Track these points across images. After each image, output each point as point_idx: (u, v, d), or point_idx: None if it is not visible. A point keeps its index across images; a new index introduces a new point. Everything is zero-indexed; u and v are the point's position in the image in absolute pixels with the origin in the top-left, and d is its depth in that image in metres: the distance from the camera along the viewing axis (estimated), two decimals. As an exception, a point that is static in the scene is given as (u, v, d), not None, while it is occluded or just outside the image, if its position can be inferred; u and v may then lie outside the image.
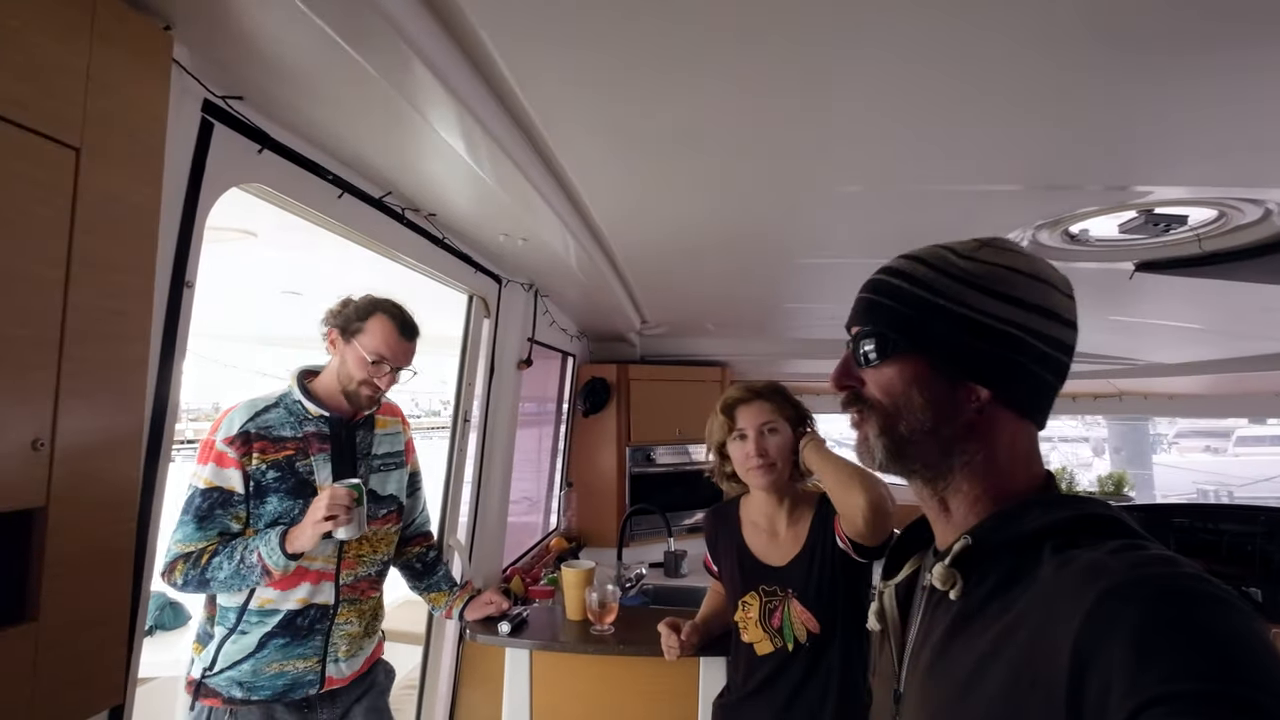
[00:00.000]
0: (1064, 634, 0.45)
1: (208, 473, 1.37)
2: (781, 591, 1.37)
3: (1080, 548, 0.51)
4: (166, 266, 0.99)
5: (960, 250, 0.61)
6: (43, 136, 0.68)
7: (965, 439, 0.59)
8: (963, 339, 0.58)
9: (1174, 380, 4.01)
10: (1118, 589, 0.45)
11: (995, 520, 0.57)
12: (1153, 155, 1.19)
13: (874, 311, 0.63)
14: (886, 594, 0.68)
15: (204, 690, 1.39)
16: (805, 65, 0.93)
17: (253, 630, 1.39)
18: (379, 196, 1.50)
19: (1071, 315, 0.60)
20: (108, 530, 0.79)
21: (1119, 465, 7.82)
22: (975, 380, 0.58)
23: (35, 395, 0.69)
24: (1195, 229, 1.52)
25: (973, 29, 0.83)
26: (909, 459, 0.61)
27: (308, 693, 1.44)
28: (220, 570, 1.33)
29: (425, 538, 1.83)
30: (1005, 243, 0.62)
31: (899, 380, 0.61)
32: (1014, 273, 0.59)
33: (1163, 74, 0.90)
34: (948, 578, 0.58)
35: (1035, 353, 0.57)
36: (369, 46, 0.89)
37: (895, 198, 1.48)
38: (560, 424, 3.50)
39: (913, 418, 0.60)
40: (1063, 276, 0.61)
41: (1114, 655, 0.42)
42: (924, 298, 0.60)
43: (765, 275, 2.36)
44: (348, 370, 1.48)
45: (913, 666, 0.62)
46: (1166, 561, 0.47)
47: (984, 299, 0.58)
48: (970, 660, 0.53)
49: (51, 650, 0.71)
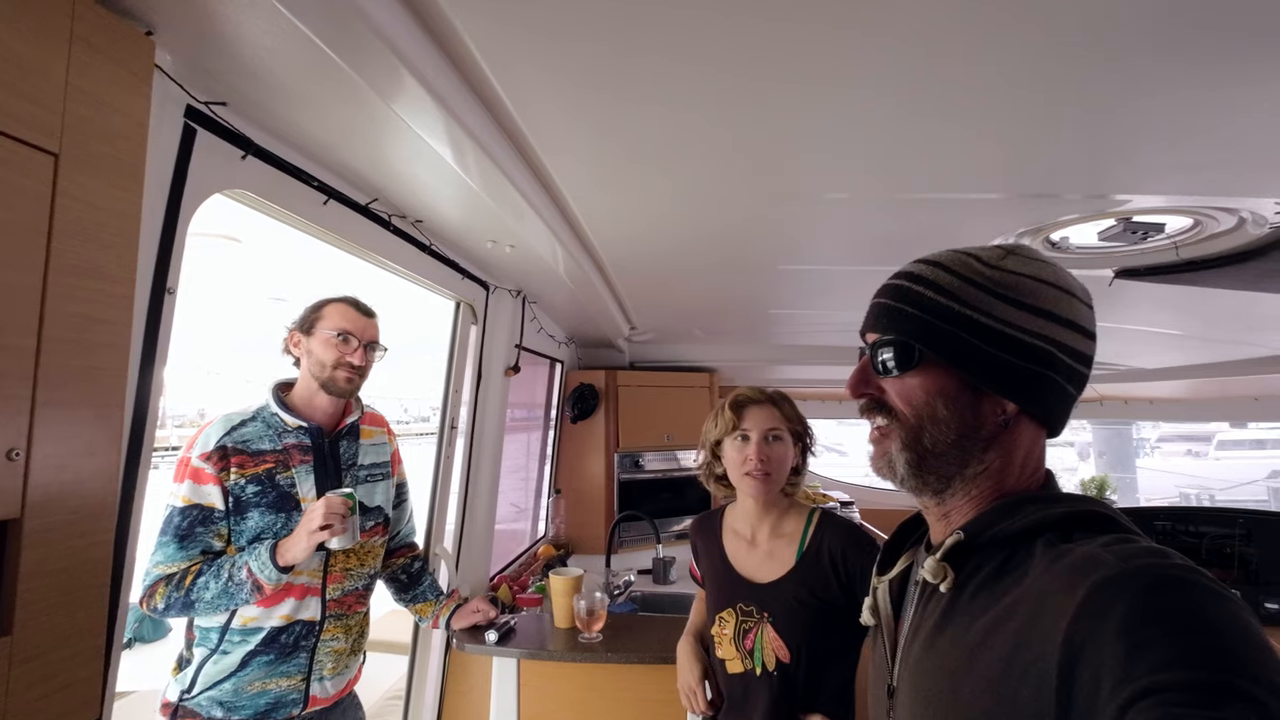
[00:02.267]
0: (1055, 626, 0.46)
1: (185, 490, 1.33)
2: (759, 614, 1.32)
3: (1072, 543, 0.52)
4: (148, 273, 0.98)
5: (986, 258, 0.60)
6: (19, 142, 0.68)
7: (986, 450, 0.59)
8: (992, 352, 0.57)
9: (1154, 385, 4.08)
10: (1109, 581, 0.45)
11: (989, 516, 0.58)
12: (1131, 165, 1.22)
13: (896, 318, 0.60)
14: (881, 589, 0.69)
15: (181, 712, 1.35)
16: (790, 75, 0.94)
17: (235, 650, 1.36)
18: (365, 203, 1.49)
19: (1092, 326, 0.60)
20: (84, 541, 0.77)
21: (1103, 469, 7.92)
22: (1002, 393, 0.58)
23: (10, 405, 0.68)
24: (1172, 237, 1.55)
25: (955, 41, 0.85)
26: (929, 473, 0.60)
27: (291, 713, 1.40)
28: (206, 590, 1.29)
29: (410, 549, 1.81)
30: (1030, 251, 0.61)
31: (922, 391, 0.59)
32: (1042, 284, 0.58)
33: (1142, 85, 0.92)
34: (938, 571, 0.58)
35: (1062, 365, 0.58)
36: (353, 52, 0.89)
37: (878, 206, 1.50)
38: (548, 430, 3.49)
39: (937, 430, 0.59)
40: (1082, 286, 0.61)
41: (1105, 646, 0.42)
42: (950, 307, 0.58)
43: (751, 281, 2.38)
44: (318, 359, 1.45)
45: (904, 660, 0.63)
46: (1158, 554, 0.47)
47: (1013, 311, 0.57)
48: (961, 652, 0.54)
49: (25, 665, 0.70)
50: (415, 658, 2.19)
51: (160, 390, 1.03)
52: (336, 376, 1.46)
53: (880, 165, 1.27)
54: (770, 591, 1.33)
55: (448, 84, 0.99)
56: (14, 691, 0.69)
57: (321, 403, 1.49)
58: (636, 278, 2.35)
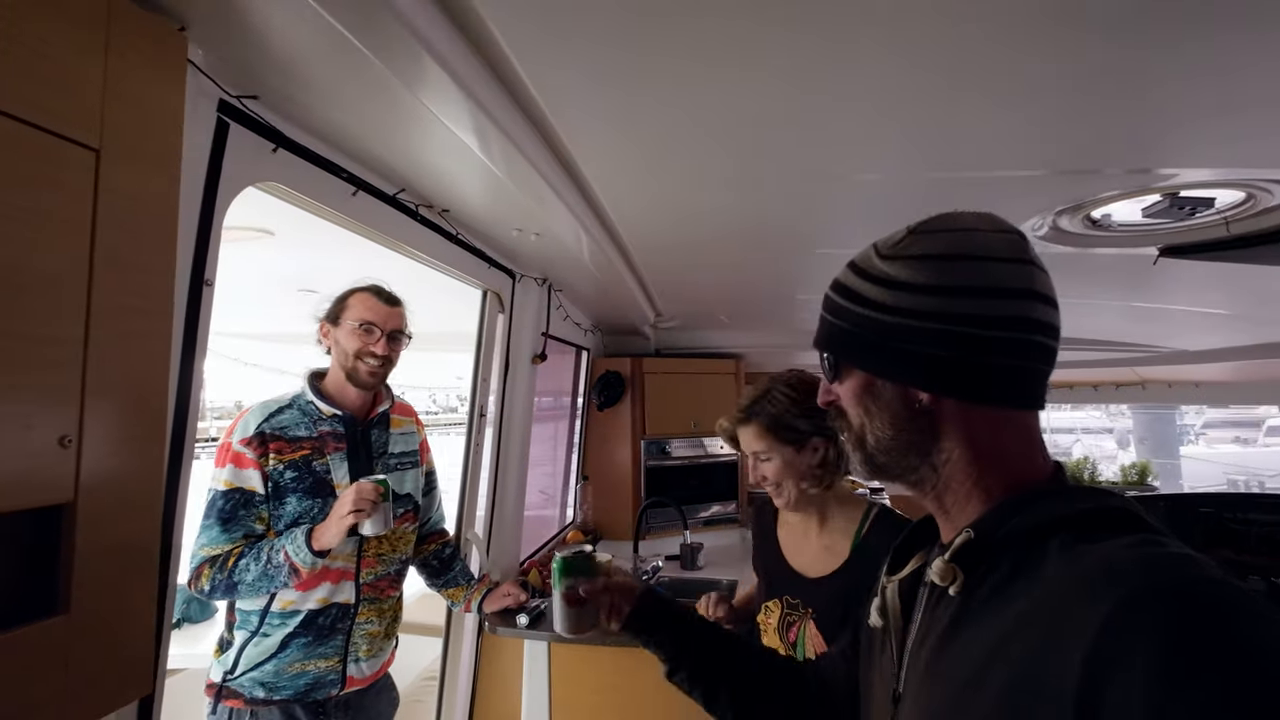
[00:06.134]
0: (1075, 644, 0.42)
1: (227, 474, 1.38)
2: (803, 609, 1.30)
3: (1090, 543, 0.48)
4: (186, 265, 1.01)
5: (882, 248, 0.60)
6: (62, 138, 0.69)
7: (933, 440, 0.57)
8: (884, 343, 0.57)
9: (1200, 367, 3.93)
10: (1136, 598, 0.41)
11: (999, 513, 0.55)
12: (1177, 137, 1.16)
13: (821, 329, 0.64)
14: (890, 589, 0.66)
15: (225, 693, 1.41)
16: (821, 52, 0.92)
17: (275, 632, 1.41)
18: (393, 193, 1.51)
19: (1014, 283, 0.54)
20: (134, 525, 0.80)
21: (1144, 456, 7.68)
22: (908, 382, 0.57)
23: (61, 394, 0.70)
24: (1222, 211, 1.48)
25: (991, 10, 0.81)
26: (886, 468, 0.61)
27: (330, 693, 1.45)
28: (247, 572, 1.33)
29: (440, 535, 1.85)
30: (934, 223, 0.59)
31: (852, 394, 0.61)
32: (927, 260, 0.56)
33: (1187, 50, 0.88)
34: (947, 573, 0.55)
35: (962, 339, 0.54)
36: (379, 41, 0.89)
37: (912, 186, 1.46)
38: (575, 418, 3.52)
39: (875, 427, 0.60)
40: (1012, 241, 0.57)
41: (1134, 677, 0.39)
42: (848, 308, 0.60)
43: (778, 266, 2.35)
44: (343, 349, 1.49)
45: (912, 665, 0.60)
46: (1188, 563, 0.43)
47: (896, 295, 0.56)
48: (970, 661, 0.51)
49: (82, 642, 0.73)
50: (449, 640, 2.24)
51: (201, 381, 1.05)
52: (359, 367, 1.48)
53: (916, 144, 1.24)
54: (816, 587, 1.30)
55: (472, 71, 0.99)
56: (72, 667, 0.72)
57: (351, 392, 1.52)
58: (662, 263, 2.34)
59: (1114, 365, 4.07)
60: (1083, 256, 1.85)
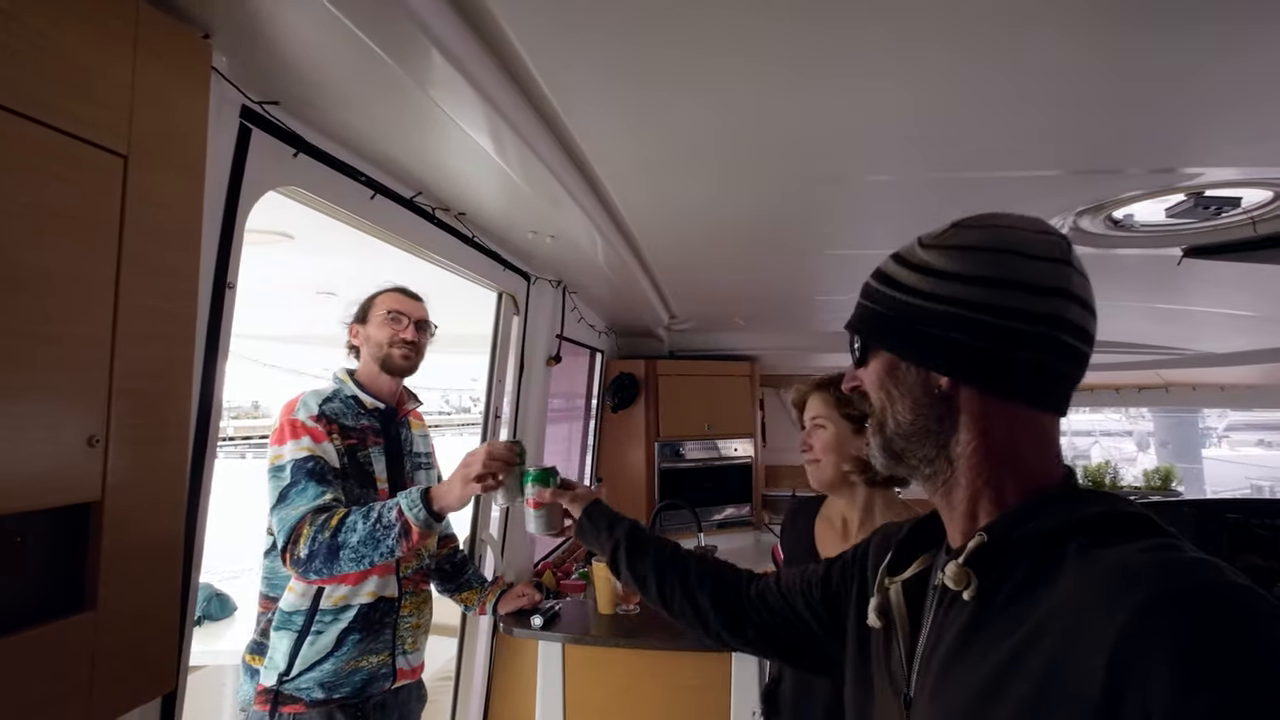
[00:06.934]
0: (1097, 649, 0.42)
1: (306, 443, 1.33)
2: None
3: (1107, 548, 0.48)
4: (209, 268, 1.02)
5: (925, 238, 0.61)
6: (92, 145, 0.71)
7: (951, 429, 0.57)
8: (911, 326, 0.57)
9: (1224, 370, 3.85)
10: (1157, 602, 0.42)
11: (1013, 516, 0.54)
12: (1202, 135, 1.14)
13: (855, 313, 0.65)
14: (893, 590, 0.64)
15: (283, 698, 1.33)
16: (836, 51, 0.92)
17: (328, 629, 1.36)
18: (410, 197, 1.52)
19: (1047, 281, 0.54)
20: (158, 523, 0.82)
21: (1165, 459, 7.54)
22: (929, 365, 0.57)
23: (89, 394, 0.72)
24: (1249, 211, 1.45)
25: (1008, 7, 0.80)
26: (903, 455, 0.60)
27: (384, 686, 1.44)
28: (353, 533, 1.25)
29: (451, 539, 1.86)
30: (979, 219, 0.59)
31: (875, 377, 0.62)
32: (964, 250, 0.57)
33: (1218, 47, 0.86)
34: (961, 577, 0.54)
35: (988, 329, 0.54)
36: (396, 45, 0.90)
37: (925, 186, 1.45)
38: (589, 420, 3.52)
39: (896, 411, 0.60)
40: (1053, 241, 0.56)
41: (1156, 682, 0.39)
42: (883, 292, 0.61)
43: (793, 267, 2.34)
44: (375, 340, 1.52)
45: (924, 671, 0.59)
46: (1205, 567, 0.43)
47: (931, 281, 0.57)
48: (988, 669, 0.50)
49: (108, 638, 0.75)
50: (464, 641, 2.25)
51: (223, 381, 1.07)
52: (393, 354, 1.51)
53: (930, 143, 1.23)
54: None
55: (487, 74, 1.00)
56: (98, 663, 0.73)
57: (385, 382, 1.54)
58: (677, 265, 2.34)
59: (1137, 368, 4.00)
60: (1104, 257, 1.82)
